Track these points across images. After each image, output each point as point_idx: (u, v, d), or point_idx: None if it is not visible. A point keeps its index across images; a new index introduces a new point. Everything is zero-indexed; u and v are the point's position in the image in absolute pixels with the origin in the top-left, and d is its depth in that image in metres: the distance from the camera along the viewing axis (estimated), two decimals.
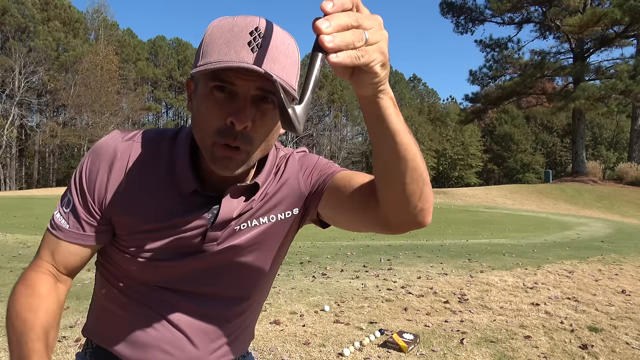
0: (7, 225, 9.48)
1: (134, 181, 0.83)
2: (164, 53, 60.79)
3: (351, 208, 0.82)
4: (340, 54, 0.48)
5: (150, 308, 0.88)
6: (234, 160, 0.75)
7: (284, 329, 3.39)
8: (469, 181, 53.65)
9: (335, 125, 63.47)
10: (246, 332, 1.00)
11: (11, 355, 0.77)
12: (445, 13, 34.03)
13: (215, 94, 0.72)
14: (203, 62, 0.72)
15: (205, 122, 0.74)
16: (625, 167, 28.98)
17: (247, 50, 0.69)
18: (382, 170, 0.71)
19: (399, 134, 0.64)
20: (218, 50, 0.71)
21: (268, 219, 0.89)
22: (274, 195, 0.90)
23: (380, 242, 8.47)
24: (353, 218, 0.83)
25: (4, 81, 39.75)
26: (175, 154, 0.85)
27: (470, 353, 3.03)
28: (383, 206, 0.75)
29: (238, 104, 0.72)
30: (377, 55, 0.52)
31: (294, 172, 0.92)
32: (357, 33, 0.49)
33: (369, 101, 0.60)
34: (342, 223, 0.88)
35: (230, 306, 0.93)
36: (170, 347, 0.89)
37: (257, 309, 1.01)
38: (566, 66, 30.38)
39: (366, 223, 0.81)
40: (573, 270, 5.77)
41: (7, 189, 39.42)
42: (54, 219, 0.86)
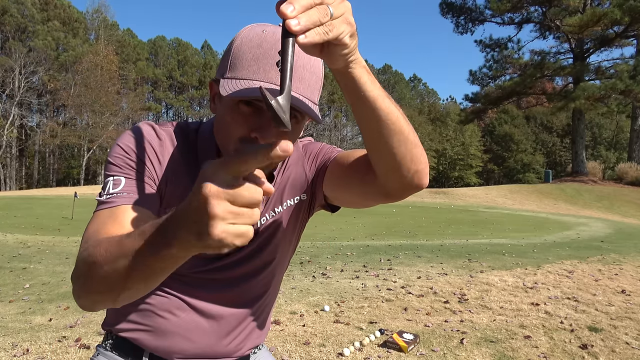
0: (7, 225, 9.48)
1: (173, 164, 0.84)
2: (164, 53, 60.78)
3: (352, 183, 0.84)
4: (309, 34, 0.48)
5: (172, 296, 0.90)
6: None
7: (284, 329, 3.39)
8: (469, 181, 53.64)
9: (335, 125, 63.48)
10: (262, 322, 1.02)
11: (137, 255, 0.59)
12: (445, 13, 34.03)
13: (241, 107, 0.74)
14: (231, 74, 0.74)
15: (229, 131, 0.76)
16: (625, 167, 28.98)
17: (276, 71, 0.71)
18: (369, 138, 0.72)
19: (377, 100, 0.64)
20: (247, 66, 0.73)
21: (282, 207, 0.93)
22: (283, 182, 0.93)
23: (380, 242, 8.47)
24: (355, 192, 0.85)
25: (4, 81, 39.74)
26: (200, 146, 0.87)
27: (470, 353, 3.03)
28: (379, 175, 0.76)
29: (263, 119, 0.73)
30: (344, 27, 0.52)
31: (299, 159, 0.95)
32: (321, 9, 0.49)
33: (343, 73, 0.60)
34: (347, 200, 0.90)
35: (248, 293, 0.95)
36: (191, 334, 0.90)
37: (272, 297, 1.03)
38: (566, 66, 30.38)
39: (368, 195, 0.83)
40: (573, 270, 5.77)
41: (7, 189, 39.41)
42: (105, 201, 0.75)
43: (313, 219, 1.06)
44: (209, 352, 0.92)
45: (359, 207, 0.91)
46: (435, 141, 53.92)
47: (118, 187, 0.76)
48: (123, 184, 0.77)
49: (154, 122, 0.89)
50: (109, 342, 0.96)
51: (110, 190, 0.76)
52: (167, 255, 0.55)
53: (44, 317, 3.59)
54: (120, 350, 0.94)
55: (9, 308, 3.84)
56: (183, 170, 0.85)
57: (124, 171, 0.79)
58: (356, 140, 66.85)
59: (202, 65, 60.85)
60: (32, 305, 3.92)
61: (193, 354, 0.92)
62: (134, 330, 0.91)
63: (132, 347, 0.92)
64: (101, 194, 0.77)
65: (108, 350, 0.95)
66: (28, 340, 3.05)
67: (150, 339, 0.91)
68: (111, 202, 0.75)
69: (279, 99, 0.50)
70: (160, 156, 0.83)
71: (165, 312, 0.90)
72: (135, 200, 0.76)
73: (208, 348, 0.92)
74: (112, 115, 42.03)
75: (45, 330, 3.29)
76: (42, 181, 46.00)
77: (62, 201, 16.18)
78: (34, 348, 2.93)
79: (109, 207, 0.74)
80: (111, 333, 0.96)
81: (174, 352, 0.91)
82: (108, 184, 0.78)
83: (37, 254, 6.34)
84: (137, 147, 0.82)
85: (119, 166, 0.80)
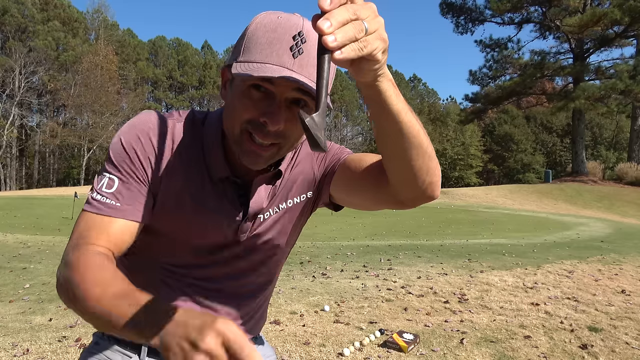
0: (7, 225, 9.48)
1: (175, 160, 0.83)
2: (164, 53, 60.78)
3: (364, 188, 0.86)
4: (344, 50, 0.48)
5: (170, 289, 0.90)
6: (262, 156, 0.77)
7: (284, 329, 3.39)
8: (469, 181, 53.62)
9: (335, 125, 63.45)
10: (261, 313, 1.03)
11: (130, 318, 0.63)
12: (445, 13, 34.03)
13: (252, 91, 0.74)
14: (244, 58, 0.73)
15: (238, 114, 0.76)
16: (625, 167, 28.97)
17: (289, 55, 0.71)
18: (388, 149, 0.73)
19: (400, 114, 0.66)
20: (260, 50, 0.72)
21: (286, 204, 0.93)
22: (290, 179, 0.93)
23: (380, 242, 8.47)
24: (367, 197, 0.87)
25: (4, 81, 39.75)
26: (206, 139, 0.85)
27: (470, 353, 3.03)
28: (393, 183, 0.78)
29: (273, 105, 0.73)
30: (378, 43, 0.52)
31: (307, 156, 0.95)
32: (356, 25, 0.49)
33: (370, 86, 0.61)
34: (357, 203, 0.91)
35: (247, 288, 0.96)
36: None
37: (271, 290, 1.04)
38: (566, 66, 30.38)
39: (379, 201, 0.85)
40: (573, 270, 5.77)
41: (7, 189, 39.41)
42: (96, 201, 0.77)
43: (313, 219, 1.07)
44: None
45: (366, 210, 0.92)
46: (435, 141, 53.82)
47: (111, 188, 0.78)
48: (116, 186, 0.78)
49: (161, 113, 0.87)
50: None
51: (103, 188, 0.78)
52: (140, 338, 0.60)
53: (44, 317, 3.59)
54: (118, 340, 0.94)
55: (9, 308, 3.84)
56: (184, 165, 0.84)
57: (120, 172, 0.79)
58: (356, 140, 66.86)
59: (202, 65, 60.86)
60: (32, 305, 3.92)
61: None
62: None
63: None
64: (93, 189, 0.79)
65: (106, 340, 0.95)
66: (28, 340, 3.05)
67: None
68: (100, 208, 0.77)
69: (314, 116, 0.49)
70: (159, 153, 0.82)
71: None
72: (123, 213, 0.78)
73: None
74: (112, 115, 42.01)
75: (45, 330, 3.29)
76: (42, 181, 46.00)
77: (62, 201, 16.18)
78: (34, 348, 2.93)
79: (98, 214, 0.77)
80: None
81: None
82: (103, 181, 0.79)
83: (37, 254, 6.34)
84: (136, 145, 0.80)
85: (116, 165, 0.80)
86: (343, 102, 62.24)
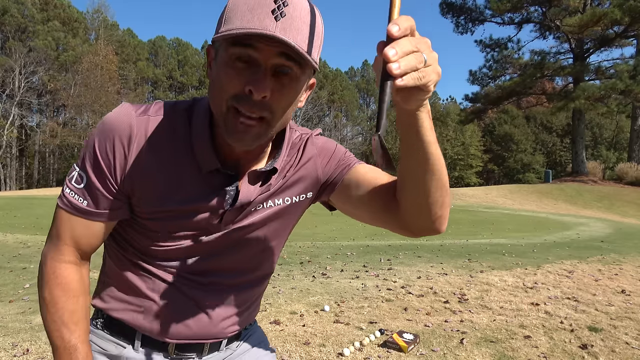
0: (7, 225, 9.48)
1: (153, 159, 0.81)
2: (164, 53, 60.80)
3: (370, 208, 0.87)
4: (405, 77, 0.52)
5: (167, 282, 0.89)
6: (249, 133, 0.74)
7: (284, 329, 3.39)
8: (469, 181, 53.62)
9: (335, 125, 63.45)
10: (256, 304, 1.03)
11: (60, 356, 0.85)
12: (445, 13, 34.02)
13: (235, 63, 0.72)
14: (225, 28, 0.71)
15: (223, 89, 0.73)
16: (625, 167, 28.98)
17: (271, 19, 0.68)
18: (409, 178, 0.76)
19: (431, 146, 0.69)
20: (241, 17, 0.70)
21: (283, 200, 0.91)
22: (292, 177, 0.91)
23: (380, 242, 8.48)
24: (372, 215, 0.88)
25: (4, 81, 39.75)
26: (193, 129, 0.83)
27: (470, 353, 3.03)
28: (404, 210, 0.80)
29: (258, 73, 0.71)
30: (434, 76, 0.56)
31: (312, 156, 0.93)
32: (418, 56, 0.53)
33: (410, 114, 0.64)
34: (357, 215, 0.91)
35: (241, 279, 0.95)
36: (186, 318, 0.91)
37: (266, 283, 1.04)
38: (566, 66, 30.38)
39: (385, 222, 0.87)
40: (573, 270, 5.77)
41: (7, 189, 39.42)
42: (67, 198, 0.83)
43: (313, 219, 1.07)
44: (202, 334, 0.93)
45: (364, 223, 0.93)
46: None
47: (79, 184, 0.82)
48: (84, 184, 0.82)
49: (139, 106, 0.84)
50: (100, 320, 0.95)
51: (72, 182, 0.83)
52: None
53: None
54: (111, 329, 0.93)
55: (9, 308, 3.84)
56: (166, 161, 0.82)
57: (88, 173, 0.82)
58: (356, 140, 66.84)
59: (202, 65, 60.81)
60: (32, 305, 3.92)
61: (187, 336, 0.92)
62: (126, 311, 0.91)
63: (124, 327, 0.92)
64: (66, 179, 0.84)
65: (99, 329, 0.94)
66: (28, 340, 3.05)
67: (143, 321, 0.90)
68: (69, 205, 0.83)
69: (379, 135, 0.54)
70: (133, 154, 0.81)
71: (159, 299, 0.89)
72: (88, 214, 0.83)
73: (201, 331, 0.92)
74: None
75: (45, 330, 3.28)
76: (42, 181, 46.01)
77: None
78: (34, 348, 2.93)
79: (67, 212, 0.84)
80: (102, 311, 0.95)
81: (167, 335, 0.91)
82: (73, 174, 0.83)
83: (37, 254, 6.34)
84: (109, 148, 0.80)
85: (87, 164, 0.82)
86: (343, 102, 62.25)
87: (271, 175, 0.87)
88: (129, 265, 0.90)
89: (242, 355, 1.02)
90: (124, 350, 0.92)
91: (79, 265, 0.87)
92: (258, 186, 0.87)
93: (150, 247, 0.87)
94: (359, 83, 72.13)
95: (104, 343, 0.93)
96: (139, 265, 0.89)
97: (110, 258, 0.94)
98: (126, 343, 0.92)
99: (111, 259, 0.93)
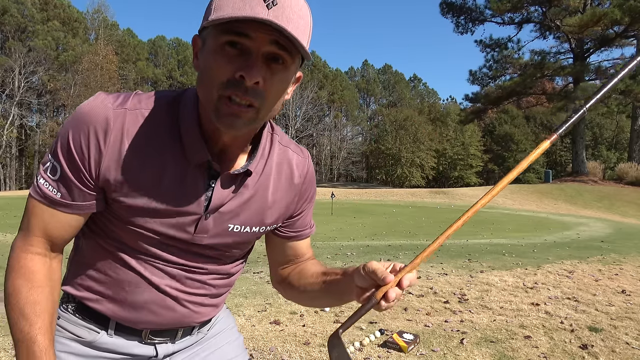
0: (7, 225, 9.48)
1: (132, 153, 0.79)
2: (164, 53, 60.82)
3: (276, 260, 1.07)
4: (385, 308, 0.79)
5: (140, 273, 0.88)
6: (240, 118, 0.73)
7: (284, 329, 3.38)
8: (469, 181, 53.63)
9: (335, 125, 63.45)
10: (228, 290, 1.05)
11: (19, 349, 0.80)
12: (445, 13, 34.04)
13: (226, 49, 0.70)
14: (215, 16, 0.69)
15: (213, 76, 0.72)
16: (625, 167, 28.99)
17: (263, 7, 0.67)
18: (309, 299, 1.02)
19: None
20: (232, 5, 0.68)
21: (259, 229, 0.93)
22: (275, 201, 0.92)
23: (380, 242, 8.48)
24: (271, 259, 1.08)
25: (4, 81, 39.77)
26: (182, 121, 0.81)
27: (470, 353, 3.03)
28: (287, 286, 1.05)
29: (250, 59, 0.70)
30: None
31: (298, 186, 0.95)
32: (399, 297, 0.80)
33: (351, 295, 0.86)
34: (268, 248, 1.07)
35: (214, 275, 0.96)
36: (159, 308, 0.90)
37: (240, 272, 1.06)
38: (566, 66, 30.39)
39: (271, 266, 1.09)
40: (573, 270, 5.77)
41: (7, 189, 39.43)
42: (40, 187, 0.80)
43: (313, 219, 1.07)
44: (175, 323, 0.94)
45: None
46: (435, 141, 53.91)
47: (54, 175, 0.79)
48: (58, 175, 0.79)
49: (116, 96, 0.81)
50: (72, 304, 0.93)
51: (48, 172, 0.80)
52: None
53: None
54: (83, 315, 0.92)
55: None
56: (145, 154, 0.79)
57: (62, 165, 0.78)
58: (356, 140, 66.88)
59: None
60: None
61: (159, 325, 0.92)
62: (99, 301, 0.90)
63: (97, 313, 0.91)
64: (40, 167, 0.81)
65: (70, 314, 0.92)
66: None
67: (116, 310, 0.90)
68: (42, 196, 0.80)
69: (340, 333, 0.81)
70: (111, 146, 0.78)
71: (131, 288, 0.88)
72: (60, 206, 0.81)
73: (174, 320, 0.93)
74: None
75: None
76: None
77: None
78: None
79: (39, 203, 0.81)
80: (72, 296, 0.93)
81: (140, 323, 0.91)
82: (48, 165, 0.80)
83: None
84: (83, 142, 0.77)
85: (60, 156, 0.78)
86: (343, 102, 62.24)
87: (246, 177, 0.86)
88: (103, 254, 0.88)
89: (213, 338, 1.05)
90: (98, 336, 0.91)
91: (47, 257, 0.84)
92: (231, 191, 0.85)
93: (125, 239, 0.86)
94: (359, 83, 72.15)
95: (76, 329, 0.91)
96: (114, 254, 0.87)
97: (83, 245, 0.92)
98: (99, 329, 0.91)
99: (85, 247, 0.91)
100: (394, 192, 29.54)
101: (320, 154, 60.13)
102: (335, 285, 0.91)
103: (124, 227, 0.85)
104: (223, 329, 1.08)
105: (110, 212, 0.85)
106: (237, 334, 1.12)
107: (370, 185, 51.47)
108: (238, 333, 1.13)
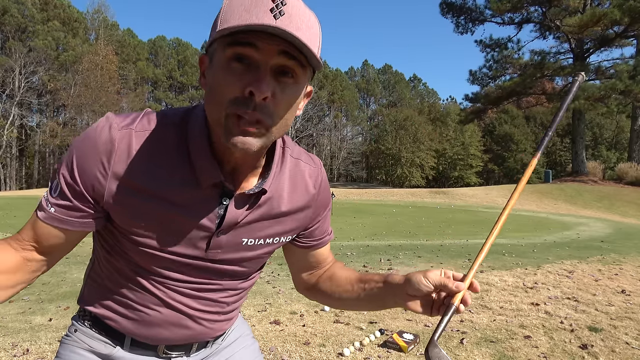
0: (7, 225, 9.49)
1: (139, 175, 0.78)
2: (164, 53, 60.82)
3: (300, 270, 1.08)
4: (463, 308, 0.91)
5: (155, 294, 0.88)
6: (251, 137, 0.70)
7: (284, 329, 3.39)
8: (469, 181, 53.63)
9: (335, 125, 63.47)
10: (241, 305, 1.06)
11: None
12: (445, 13, 34.04)
13: (233, 65, 0.69)
14: (220, 28, 0.68)
15: (221, 93, 0.70)
16: (625, 167, 28.99)
17: (270, 17, 0.65)
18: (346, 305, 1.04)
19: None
20: (238, 17, 0.66)
21: (274, 240, 0.92)
22: (290, 214, 0.91)
23: (380, 242, 8.48)
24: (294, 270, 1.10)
25: (4, 81, 39.77)
26: (191, 141, 0.79)
27: (470, 353, 3.03)
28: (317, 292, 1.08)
29: (258, 74, 0.68)
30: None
31: (313, 198, 0.94)
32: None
33: (404, 304, 0.91)
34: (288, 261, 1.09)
35: (229, 291, 0.96)
36: (174, 327, 0.91)
37: (251, 286, 1.07)
38: (566, 66, 30.37)
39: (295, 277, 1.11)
40: (573, 270, 5.77)
41: (7, 189, 39.43)
42: (42, 200, 0.82)
43: None
44: (189, 339, 0.95)
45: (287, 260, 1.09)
46: (435, 141, 53.93)
47: (56, 193, 0.80)
48: (59, 192, 0.79)
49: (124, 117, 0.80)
50: (87, 318, 0.94)
51: (52, 192, 0.80)
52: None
53: (44, 317, 3.59)
54: (99, 329, 0.93)
55: (9, 308, 3.84)
56: (153, 176, 0.78)
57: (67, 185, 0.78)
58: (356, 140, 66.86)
59: None
60: (32, 305, 3.92)
61: (175, 341, 0.93)
62: (114, 319, 0.91)
63: (113, 329, 0.92)
64: (44, 195, 0.82)
65: (87, 327, 0.94)
66: (28, 340, 3.05)
67: (132, 327, 0.91)
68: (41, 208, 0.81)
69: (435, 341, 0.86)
70: (116, 168, 0.77)
71: (146, 308, 0.89)
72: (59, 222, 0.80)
73: (190, 336, 0.94)
74: None
75: (45, 330, 3.29)
76: (42, 181, 45.99)
77: None
78: (34, 348, 2.93)
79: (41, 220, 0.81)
80: (90, 311, 0.94)
81: (155, 340, 0.92)
82: (54, 185, 0.80)
83: None
84: (89, 168, 0.77)
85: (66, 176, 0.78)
86: (343, 102, 62.23)
87: (260, 196, 0.84)
88: (117, 275, 0.89)
89: (229, 347, 1.06)
90: (114, 350, 0.92)
91: (24, 258, 0.82)
92: (245, 209, 0.84)
93: (137, 260, 0.86)
94: (359, 83, 72.14)
95: (93, 342, 0.93)
96: (128, 275, 0.88)
97: (98, 264, 0.93)
98: (115, 343, 0.93)
99: (99, 266, 0.93)
100: (394, 192, 29.54)
101: (320, 154, 60.08)
102: (377, 293, 0.95)
103: (135, 249, 0.84)
104: (237, 337, 1.08)
105: (120, 234, 0.84)
106: (252, 340, 1.12)
107: (370, 185, 51.48)
108: (253, 339, 1.13)
